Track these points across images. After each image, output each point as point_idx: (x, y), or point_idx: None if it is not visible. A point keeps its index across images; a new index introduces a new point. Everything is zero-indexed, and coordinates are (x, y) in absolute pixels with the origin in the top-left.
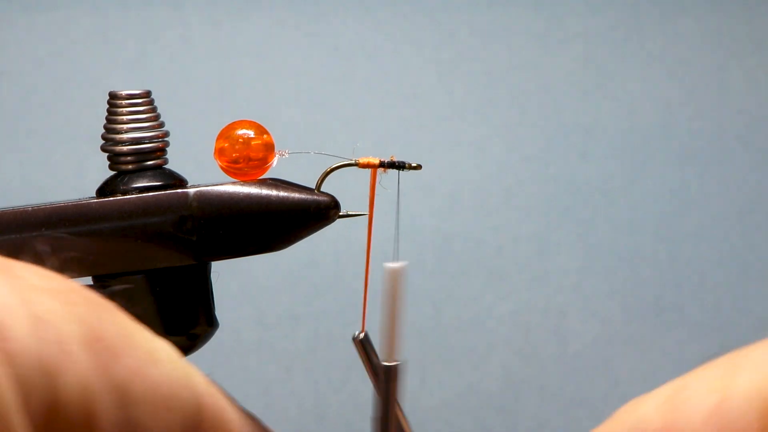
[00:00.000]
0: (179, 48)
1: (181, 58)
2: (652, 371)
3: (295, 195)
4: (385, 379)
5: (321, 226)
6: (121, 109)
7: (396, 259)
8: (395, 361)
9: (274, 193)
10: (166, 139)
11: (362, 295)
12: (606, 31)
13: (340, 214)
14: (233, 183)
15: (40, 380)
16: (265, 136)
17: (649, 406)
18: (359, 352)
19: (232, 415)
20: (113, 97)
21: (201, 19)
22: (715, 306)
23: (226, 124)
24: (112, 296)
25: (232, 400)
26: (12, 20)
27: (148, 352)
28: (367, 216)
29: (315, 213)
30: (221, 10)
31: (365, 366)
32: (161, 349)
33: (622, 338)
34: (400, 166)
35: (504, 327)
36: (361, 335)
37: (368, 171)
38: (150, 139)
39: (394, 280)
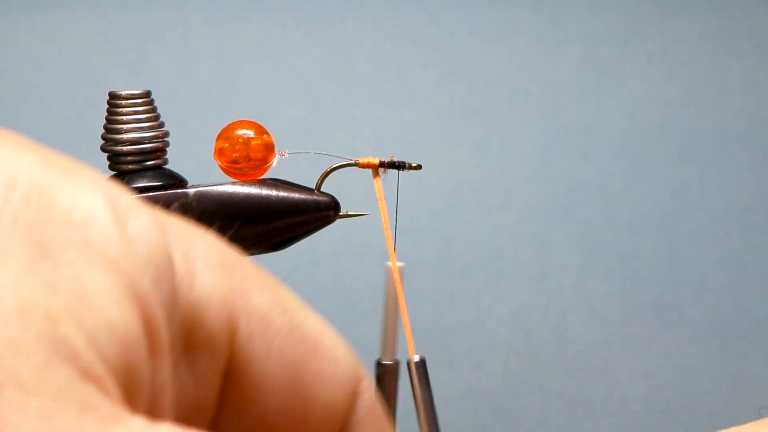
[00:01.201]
0: (179, 48)
1: (181, 58)
2: (652, 371)
3: (295, 195)
4: (387, 378)
5: (321, 226)
6: (121, 109)
7: (396, 258)
8: (394, 360)
9: (274, 193)
10: (166, 139)
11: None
12: (606, 31)
13: (340, 214)
14: (233, 183)
15: (167, 273)
16: (265, 136)
17: None
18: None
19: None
20: (113, 97)
21: (201, 19)
22: (715, 306)
23: (226, 124)
24: None
25: None
26: (12, 20)
27: (292, 301)
28: (369, 216)
29: (315, 213)
30: (221, 10)
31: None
32: (308, 308)
33: (622, 338)
34: (400, 166)
35: (504, 327)
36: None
37: (368, 171)
38: (150, 139)
39: (393, 279)
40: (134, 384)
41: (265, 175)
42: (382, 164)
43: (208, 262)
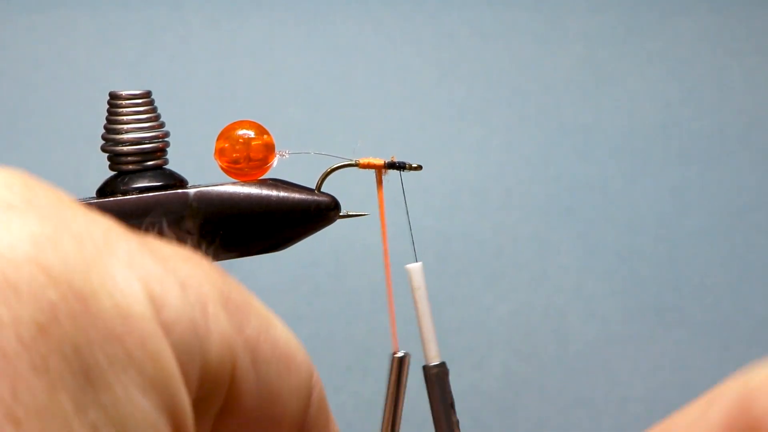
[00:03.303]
0: (179, 48)
1: (181, 58)
2: (652, 371)
3: (296, 195)
4: (439, 379)
5: (321, 227)
6: (121, 110)
7: (414, 258)
8: (440, 360)
9: (274, 193)
10: (166, 139)
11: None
12: (606, 31)
13: (341, 214)
14: (233, 183)
15: (194, 344)
16: (265, 136)
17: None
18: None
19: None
20: (113, 97)
21: (201, 19)
22: (715, 306)
23: (226, 125)
24: None
25: None
26: (12, 20)
27: (266, 315)
28: (369, 216)
29: (315, 213)
30: (221, 10)
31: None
32: (273, 314)
33: (622, 338)
34: (400, 166)
35: (504, 327)
36: (400, 354)
37: (368, 171)
38: (150, 140)
39: (416, 279)
40: None
41: (266, 175)
42: (387, 165)
43: (216, 306)
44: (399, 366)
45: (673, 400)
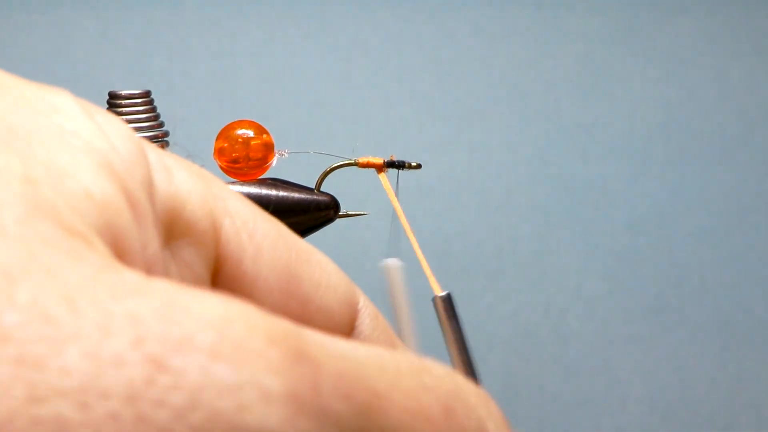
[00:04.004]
0: (179, 48)
1: (181, 58)
2: (652, 371)
3: (295, 195)
4: None
5: (321, 226)
6: (121, 109)
7: (398, 257)
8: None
9: (273, 193)
10: (166, 139)
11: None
12: (606, 31)
13: (340, 213)
14: (233, 183)
15: (140, 158)
16: (264, 136)
17: None
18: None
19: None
20: (113, 97)
21: (201, 19)
22: (715, 306)
23: (226, 124)
24: None
25: None
26: (12, 20)
27: (273, 221)
28: (367, 216)
29: (315, 213)
30: (221, 10)
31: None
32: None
33: (622, 338)
34: (400, 165)
35: (504, 327)
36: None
37: (368, 170)
38: (150, 139)
39: (392, 276)
40: (123, 247)
41: (265, 175)
42: (387, 164)
43: (186, 169)
44: (445, 305)
45: (673, 400)
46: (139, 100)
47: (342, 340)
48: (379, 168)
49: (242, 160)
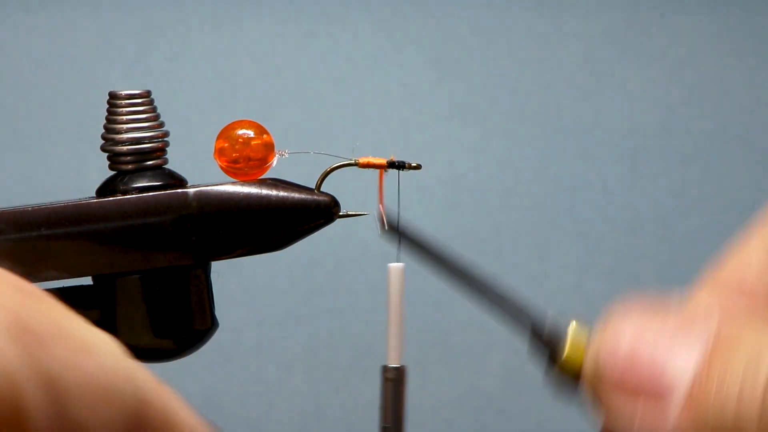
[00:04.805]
0: (179, 48)
1: (181, 58)
2: None
3: (295, 195)
4: (394, 381)
5: (321, 226)
6: (121, 109)
7: (398, 259)
8: (399, 363)
9: (273, 193)
10: (166, 139)
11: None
12: (606, 31)
13: (340, 214)
14: (233, 183)
15: None
16: (265, 136)
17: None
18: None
19: (182, 415)
20: (113, 97)
21: (201, 19)
22: None
23: (226, 124)
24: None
25: (186, 404)
26: (12, 20)
27: (82, 342)
28: (368, 215)
29: (315, 213)
30: (221, 10)
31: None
32: (98, 340)
33: None
34: (399, 165)
35: (504, 327)
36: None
37: (368, 170)
38: (150, 139)
39: (395, 280)
40: None
41: (265, 175)
42: (387, 164)
43: (1, 337)
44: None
45: None
46: (139, 100)
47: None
48: (380, 168)
49: (242, 160)
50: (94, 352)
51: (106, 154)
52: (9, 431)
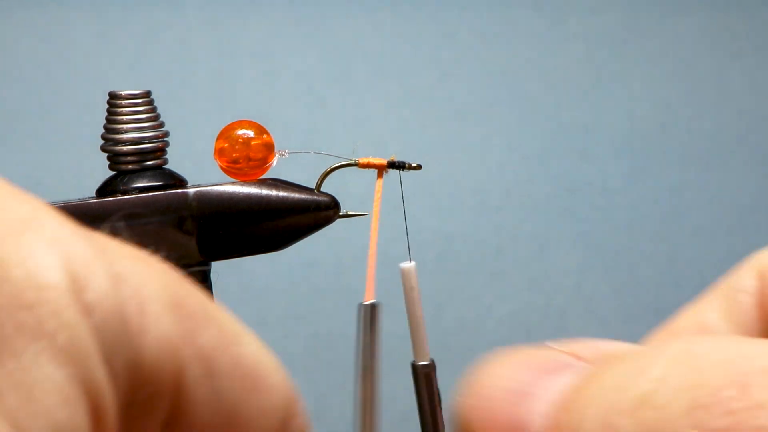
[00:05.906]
0: (179, 48)
1: (181, 58)
2: None
3: (295, 195)
4: (425, 377)
5: (321, 226)
6: (121, 109)
7: (409, 258)
8: (427, 360)
9: (274, 193)
10: (166, 139)
11: (362, 296)
12: (606, 31)
13: (340, 214)
14: (233, 183)
15: (122, 336)
16: (265, 136)
17: None
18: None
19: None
20: (113, 97)
21: (201, 19)
22: None
23: (226, 125)
24: None
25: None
26: (12, 20)
27: (232, 330)
28: (369, 215)
29: (315, 213)
30: (221, 10)
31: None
32: (245, 332)
33: (622, 338)
34: (400, 166)
35: (504, 327)
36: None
37: (368, 171)
38: (150, 139)
39: (408, 279)
40: None
41: (265, 175)
42: (388, 164)
43: (160, 307)
44: (370, 314)
45: None
46: (139, 100)
47: None
48: (380, 169)
49: (242, 160)
50: (244, 342)
51: (107, 154)
52: (169, 404)
